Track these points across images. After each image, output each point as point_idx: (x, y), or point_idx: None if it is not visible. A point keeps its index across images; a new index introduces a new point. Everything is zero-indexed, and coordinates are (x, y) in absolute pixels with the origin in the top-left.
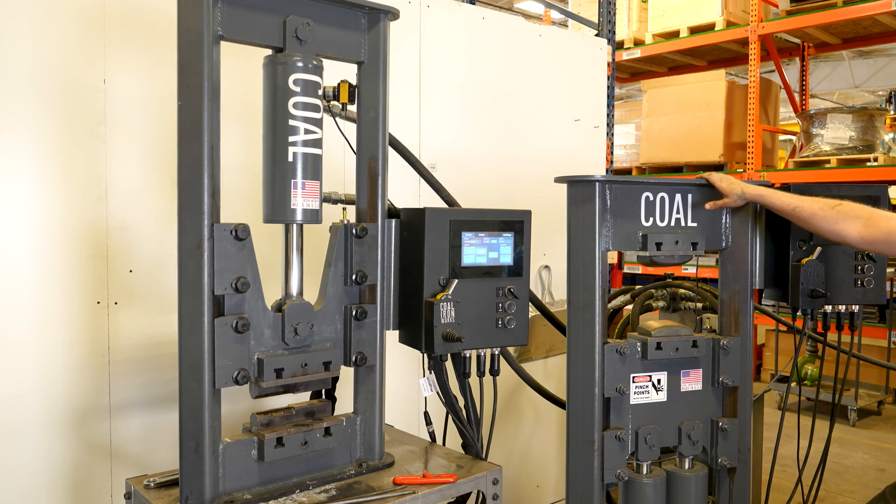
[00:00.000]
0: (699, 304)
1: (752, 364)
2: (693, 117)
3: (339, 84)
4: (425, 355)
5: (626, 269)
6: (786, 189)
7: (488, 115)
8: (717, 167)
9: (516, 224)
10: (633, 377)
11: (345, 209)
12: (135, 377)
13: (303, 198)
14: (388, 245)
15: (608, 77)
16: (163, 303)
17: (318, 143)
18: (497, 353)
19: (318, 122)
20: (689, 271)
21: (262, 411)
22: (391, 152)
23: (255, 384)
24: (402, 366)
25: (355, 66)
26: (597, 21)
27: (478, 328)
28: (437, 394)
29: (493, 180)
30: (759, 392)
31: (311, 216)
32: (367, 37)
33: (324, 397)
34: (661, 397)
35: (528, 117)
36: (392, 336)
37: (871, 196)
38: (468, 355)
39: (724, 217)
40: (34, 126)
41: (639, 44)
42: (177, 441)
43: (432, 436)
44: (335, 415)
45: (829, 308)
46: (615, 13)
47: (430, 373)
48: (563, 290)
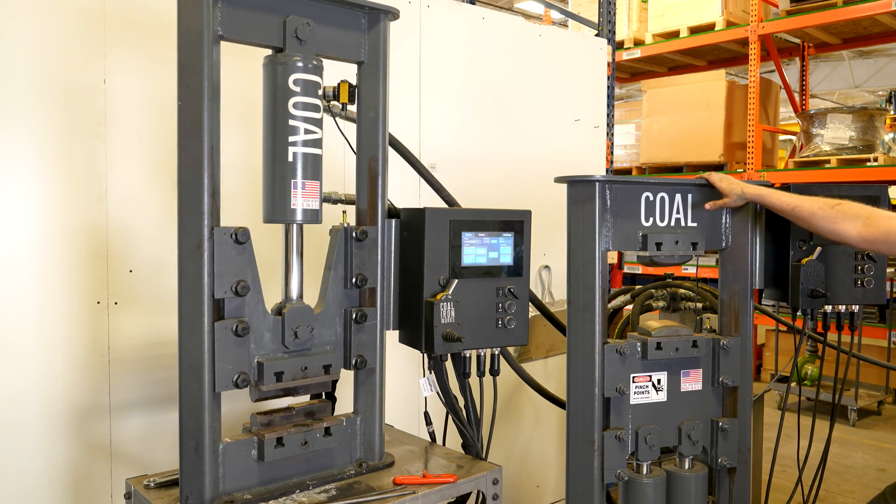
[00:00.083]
0: (699, 304)
1: (752, 364)
2: (693, 117)
3: (339, 84)
4: (425, 355)
5: (626, 269)
6: (786, 189)
7: (488, 114)
8: (717, 167)
9: (516, 224)
10: (633, 377)
11: (345, 212)
12: (135, 377)
13: (303, 198)
14: (388, 245)
15: (608, 77)
16: (163, 303)
17: (318, 143)
18: (497, 353)
19: (318, 122)
20: (689, 271)
21: (262, 411)
22: (391, 152)
23: (255, 388)
24: (403, 366)
25: (355, 66)
26: (597, 21)
27: (478, 328)
28: (437, 394)
29: (493, 180)
30: (759, 392)
31: (311, 216)
32: (367, 37)
33: (324, 397)
34: (661, 397)
35: (528, 117)
36: (392, 336)
37: (871, 196)
38: (468, 355)
39: (724, 217)
40: (34, 126)
41: (639, 44)
42: (177, 441)
43: (432, 436)
44: (335, 415)
45: (829, 308)
46: (615, 13)
47: (430, 373)
48: (563, 290)
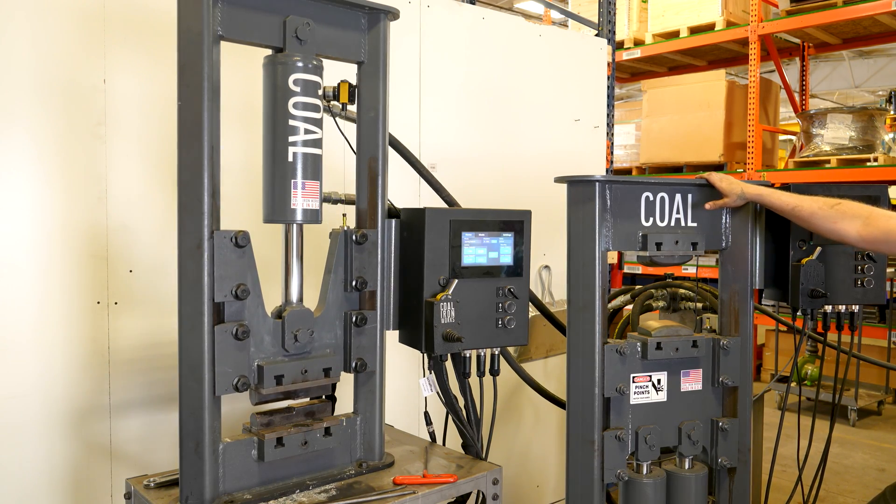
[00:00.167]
0: (699, 304)
1: (752, 364)
2: (693, 117)
3: (339, 84)
4: (425, 355)
5: (626, 269)
6: (786, 189)
7: (488, 114)
8: (717, 167)
9: (516, 224)
10: (633, 377)
11: (345, 215)
12: (135, 377)
13: (303, 198)
14: (388, 246)
15: (608, 77)
16: (163, 303)
17: (318, 143)
18: (497, 353)
19: (318, 122)
20: (689, 271)
21: (262, 411)
22: (391, 152)
23: (255, 391)
24: (403, 366)
25: (355, 66)
26: (597, 21)
27: (478, 328)
28: (437, 394)
29: (493, 180)
30: (759, 392)
31: (311, 216)
32: (367, 37)
33: (323, 398)
34: (661, 397)
35: (528, 117)
36: (392, 336)
37: (871, 196)
38: (468, 355)
39: (724, 217)
40: (34, 126)
41: (639, 44)
42: (177, 441)
43: (432, 436)
44: (335, 415)
45: (829, 308)
46: (615, 13)
47: (430, 373)
48: (563, 290)
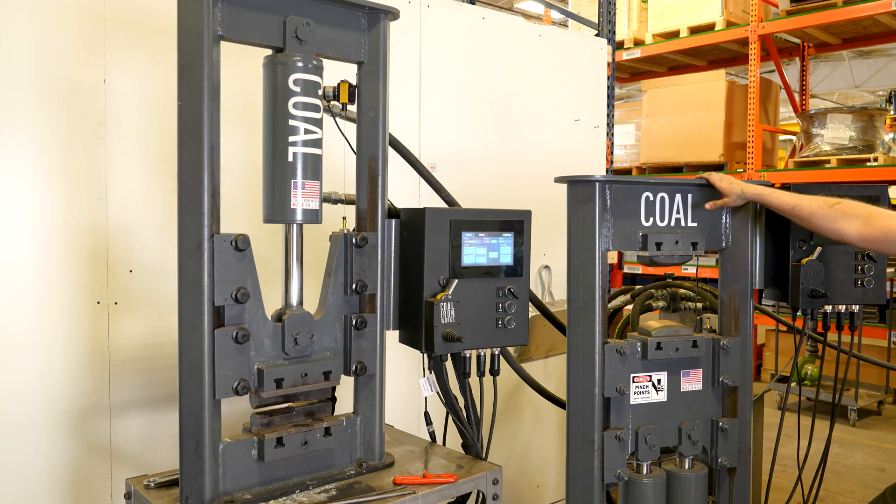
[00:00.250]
0: (699, 304)
1: (752, 364)
2: (693, 117)
3: (339, 84)
4: (425, 355)
5: (626, 269)
6: (786, 189)
7: (488, 115)
8: (717, 167)
9: (516, 224)
10: (633, 377)
11: (345, 218)
12: (135, 377)
13: (303, 198)
14: (388, 246)
15: (608, 77)
16: (163, 303)
17: (318, 143)
18: (497, 353)
19: (318, 122)
20: (689, 271)
21: (262, 411)
22: (391, 152)
23: (255, 394)
24: (403, 366)
25: (355, 66)
26: (597, 21)
27: (478, 328)
28: (437, 394)
29: (493, 180)
30: (759, 392)
31: (311, 216)
32: (367, 37)
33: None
34: (661, 397)
35: (528, 117)
36: (392, 336)
37: (871, 196)
38: (468, 355)
39: (724, 217)
40: (34, 126)
41: (639, 44)
42: (177, 441)
43: (432, 436)
44: (335, 415)
45: (829, 308)
46: (615, 13)
47: (430, 373)
48: (563, 290)
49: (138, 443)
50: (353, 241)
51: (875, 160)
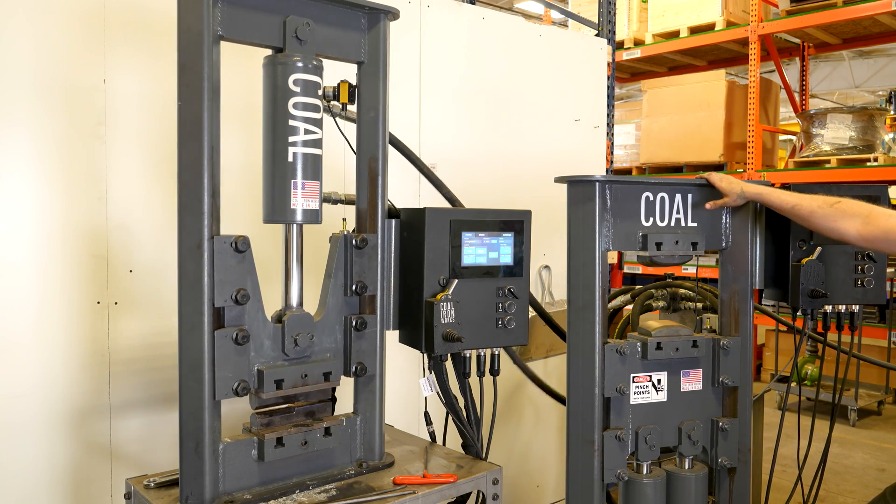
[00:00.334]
0: (699, 304)
1: (752, 364)
2: (693, 117)
3: (339, 84)
4: (425, 355)
5: (626, 269)
6: (786, 188)
7: (488, 115)
8: (717, 167)
9: (516, 224)
10: (633, 377)
11: (345, 220)
12: (135, 377)
13: (303, 198)
14: (388, 246)
15: (608, 77)
16: (163, 303)
17: (318, 144)
18: (497, 353)
19: (318, 122)
20: (689, 271)
21: (262, 411)
22: (391, 152)
23: (255, 395)
24: (403, 366)
25: (355, 66)
26: (597, 21)
27: (478, 328)
28: (437, 394)
29: (493, 180)
30: (759, 392)
31: (311, 216)
32: (367, 37)
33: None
34: (662, 397)
35: (528, 117)
36: (392, 336)
37: (871, 196)
38: (468, 355)
39: (724, 217)
40: (34, 126)
41: (639, 44)
42: (177, 441)
43: (432, 436)
44: (335, 415)
45: (829, 308)
46: (615, 13)
47: (431, 373)
48: (563, 290)
49: (138, 443)
50: (353, 242)
51: (875, 160)
